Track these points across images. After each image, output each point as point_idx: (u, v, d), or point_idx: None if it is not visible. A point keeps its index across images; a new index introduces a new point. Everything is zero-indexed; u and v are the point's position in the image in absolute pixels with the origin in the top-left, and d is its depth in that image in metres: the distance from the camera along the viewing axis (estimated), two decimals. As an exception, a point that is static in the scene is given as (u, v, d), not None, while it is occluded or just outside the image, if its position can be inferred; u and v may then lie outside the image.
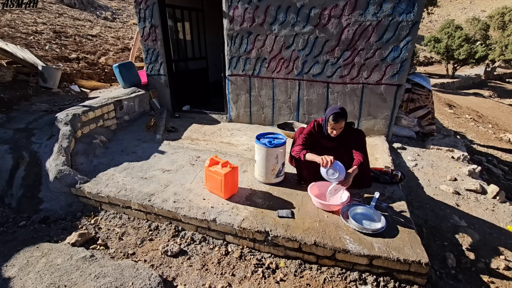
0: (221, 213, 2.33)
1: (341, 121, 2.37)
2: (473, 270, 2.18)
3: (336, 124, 2.37)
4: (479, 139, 7.87)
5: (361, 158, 2.44)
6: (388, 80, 3.76)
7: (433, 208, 2.79)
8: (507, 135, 8.83)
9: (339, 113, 2.36)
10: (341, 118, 2.36)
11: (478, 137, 8.13)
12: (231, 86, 4.61)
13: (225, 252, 2.21)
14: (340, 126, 2.40)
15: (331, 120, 2.37)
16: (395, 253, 1.94)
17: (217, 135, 4.25)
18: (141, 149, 3.53)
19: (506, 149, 7.32)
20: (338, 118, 2.35)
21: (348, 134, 2.53)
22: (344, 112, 2.39)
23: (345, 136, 2.52)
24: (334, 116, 2.36)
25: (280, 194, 2.61)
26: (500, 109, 13.53)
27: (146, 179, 2.84)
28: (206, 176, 2.60)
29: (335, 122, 2.36)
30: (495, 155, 6.65)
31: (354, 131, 2.55)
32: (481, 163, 5.45)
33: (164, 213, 2.42)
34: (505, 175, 5.55)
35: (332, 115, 2.36)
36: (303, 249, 2.10)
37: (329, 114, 2.40)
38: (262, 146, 2.61)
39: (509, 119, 11.86)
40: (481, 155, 6.12)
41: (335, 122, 2.37)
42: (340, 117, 2.36)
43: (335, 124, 2.37)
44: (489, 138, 8.27)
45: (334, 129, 2.41)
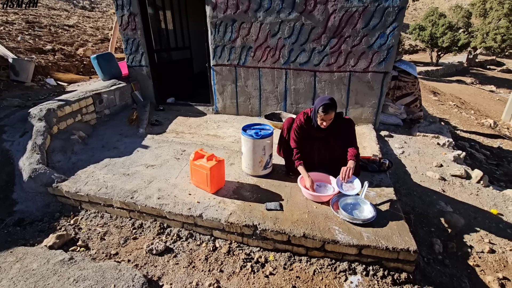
0: (207, 208, 2.26)
1: (331, 112, 2.31)
2: (459, 254, 2.21)
3: (326, 116, 2.31)
4: (462, 125, 8.05)
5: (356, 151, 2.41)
6: (375, 68, 3.72)
7: (420, 194, 2.81)
8: (488, 120, 9.08)
9: (328, 104, 2.29)
10: (331, 109, 2.30)
11: (461, 123, 8.33)
12: (216, 76, 4.47)
13: (212, 248, 2.15)
14: (330, 117, 2.34)
15: (321, 112, 2.30)
16: (384, 242, 1.93)
17: (203, 128, 4.13)
18: (123, 144, 3.38)
19: (487, 134, 7.53)
20: (328, 109, 2.29)
21: (338, 124, 2.48)
22: (334, 102, 2.33)
23: (335, 126, 2.47)
24: (324, 107, 2.29)
25: (268, 186, 2.55)
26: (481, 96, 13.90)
27: (129, 176, 2.71)
28: (191, 170, 2.50)
29: (325, 113, 2.30)
30: (477, 140, 6.83)
31: (344, 121, 2.50)
32: (464, 148, 5.58)
33: (148, 210, 2.32)
34: (487, 159, 5.71)
35: (322, 106, 2.30)
36: (292, 242, 2.06)
37: (318, 106, 2.33)
38: (249, 137, 2.53)
39: (490, 105, 12.21)
40: (464, 141, 6.27)
41: (325, 114, 2.30)
42: (330, 108, 2.29)
43: (325, 115, 2.31)
44: (471, 124, 8.48)
45: (324, 120, 2.35)
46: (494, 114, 10.82)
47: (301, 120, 2.51)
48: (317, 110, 2.34)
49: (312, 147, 2.60)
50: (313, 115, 2.45)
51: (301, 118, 2.52)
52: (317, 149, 2.62)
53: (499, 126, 8.91)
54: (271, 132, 2.59)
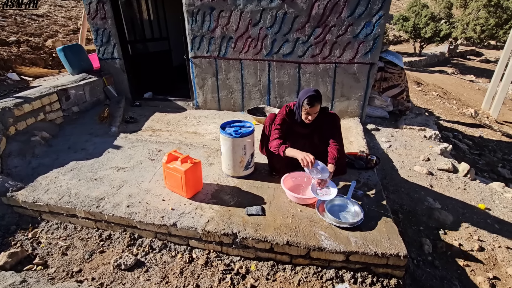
0: (182, 215, 2.06)
1: (317, 104, 2.13)
2: (448, 254, 2.13)
3: (311, 108, 2.13)
4: (445, 115, 8.14)
5: (336, 152, 2.22)
6: (361, 59, 3.57)
7: (408, 191, 2.71)
8: (470, 110, 9.24)
9: (314, 96, 2.11)
10: (316, 101, 2.12)
11: (444, 113, 8.42)
12: (195, 69, 4.20)
13: (189, 259, 1.96)
14: (316, 110, 2.16)
15: (306, 104, 2.12)
16: (373, 247, 1.80)
17: (183, 124, 3.88)
18: (93, 145, 3.10)
19: (469, 123, 7.63)
20: (313, 101, 2.11)
21: (323, 119, 2.31)
22: (319, 94, 2.15)
23: (319, 122, 2.31)
24: (309, 99, 2.11)
25: (250, 188, 2.37)
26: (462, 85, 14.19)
27: (96, 181, 2.46)
28: (164, 174, 2.28)
29: (311, 106, 2.12)
30: (460, 130, 6.90)
31: (328, 116, 2.33)
32: (448, 139, 5.60)
33: (116, 220, 2.09)
34: (469, 149, 5.76)
35: (307, 98, 2.11)
36: (275, 250, 1.90)
37: (303, 98, 2.15)
38: (227, 136, 2.33)
39: (470, 95, 12.47)
40: (448, 131, 6.31)
41: (310, 106, 2.12)
42: (316, 100, 2.11)
43: (311, 108, 2.12)
44: (454, 114, 8.59)
45: (309, 114, 2.17)
46: (475, 103, 11.05)
47: (283, 113, 2.32)
48: (301, 103, 2.16)
49: (296, 145, 2.42)
50: (297, 109, 2.27)
51: (283, 111, 2.34)
52: (301, 147, 2.43)
53: (480, 115, 9.09)
54: (252, 130, 2.40)
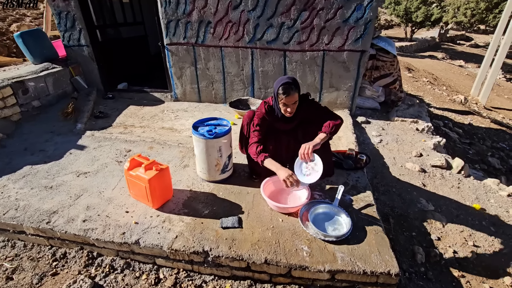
0: (147, 230, 1.80)
1: (293, 93, 1.87)
2: (442, 263, 1.96)
3: (287, 98, 1.87)
4: (435, 102, 8.01)
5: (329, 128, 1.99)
6: (351, 46, 3.29)
7: (399, 191, 2.52)
8: (459, 96, 9.15)
9: (288, 83, 1.86)
10: (292, 89, 1.86)
11: (435, 100, 8.29)
12: (172, 57, 3.83)
13: (155, 281, 1.72)
14: (293, 100, 1.90)
15: (281, 94, 1.87)
16: (361, 264, 1.59)
17: (158, 119, 3.56)
18: (53, 145, 2.77)
19: (459, 110, 7.54)
20: (288, 90, 1.85)
21: (306, 110, 2.05)
22: (295, 81, 1.89)
23: (303, 113, 2.05)
24: (283, 88, 1.85)
25: (227, 195, 2.13)
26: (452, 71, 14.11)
27: (52, 189, 2.16)
28: (127, 182, 2.00)
29: (286, 95, 1.86)
30: (450, 117, 6.79)
31: (311, 105, 2.08)
32: (439, 128, 5.46)
33: (70, 238, 1.82)
34: (460, 138, 5.65)
35: (281, 87, 1.86)
36: (252, 268, 1.68)
37: (277, 88, 1.90)
38: (200, 137, 2.05)
39: (460, 80, 12.41)
40: (438, 119, 6.17)
41: (286, 95, 1.86)
42: (290, 88, 1.85)
43: (287, 97, 1.87)
44: (444, 101, 8.48)
45: (287, 105, 1.91)
46: (464, 89, 10.98)
47: (262, 111, 2.05)
48: (277, 94, 1.90)
49: (279, 142, 2.17)
50: (275, 103, 2.00)
51: (262, 109, 2.07)
52: (286, 144, 2.19)
53: (469, 102, 9.02)
54: (228, 129, 2.12)
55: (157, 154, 2.66)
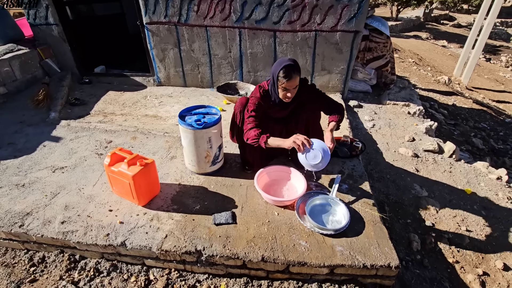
0: (134, 230, 1.67)
1: (295, 76, 1.71)
2: (437, 250, 1.96)
3: (289, 82, 1.71)
4: (421, 83, 8.07)
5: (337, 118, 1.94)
6: (344, 26, 3.12)
7: (393, 178, 2.49)
8: (443, 77, 9.26)
9: (291, 65, 1.69)
10: (294, 72, 1.70)
11: (420, 80, 8.34)
12: (153, 38, 3.54)
13: (145, 283, 1.62)
14: (295, 84, 1.75)
15: (282, 78, 1.70)
16: (361, 258, 1.55)
17: (141, 106, 3.33)
18: (24, 137, 2.52)
19: (443, 91, 7.63)
20: (291, 72, 1.69)
21: (305, 95, 1.92)
22: (296, 64, 1.74)
23: (300, 98, 1.91)
24: (285, 70, 1.69)
25: (219, 188, 2.01)
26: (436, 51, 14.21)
27: (24, 187, 1.97)
28: (109, 178, 1.84)
29: (288, 79, 1.70)
30: (435, 98, 6.86)
31: (311, 89, 1.95)
32: (426, 109, 5.50)
33: (48, 241, 1.67)
34: (445, 119, 5.74)
35: (283, 69, 1.69)
36: (248, 266, 1.61)
37: (277, 70, 1.72)
38: (188, 127, 1.89)
39: (443, 60, 12.55)
40: (424, 100, 6.22)
41: (288, 79, 1.70)
42: (293, 70, 1.70)
43: (289, 81, 1.71)
44: (429, 81, 8.56)
45: (288, 89, 1.75)
46: (447, 69, 11.12)
47: (257, 96, 1.90)
48: (277, 78, 1.73)
49: (272, 133, 2.04)
50: (272, 87, 1.85)
51: (257, 94, 1.91)
52: (278, 135, 2.05)
53: (452, 82, 9.16)
54: (218, 118, 1.97)
55: (141, 145, 2.48)
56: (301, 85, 1.88)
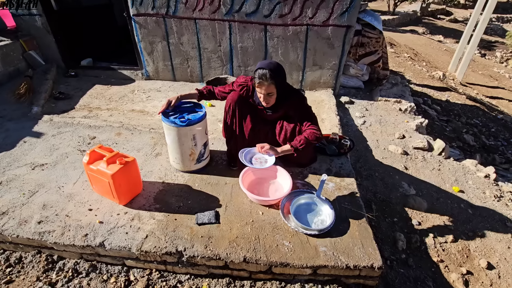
0: (113, 231, 1.63)
1: (267, 84, 1.66)
2: (422, 249, 1.96)
3: (261, 85, 1.68)
4: (415, 78, 8.06)
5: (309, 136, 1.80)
6: (336, 20, 3.06)
7: (382, 176, 2.48)
8: (438, 72, 9.26)
9: (263, 70, 1.64)
10: (265, 79, 1.65)
11: (415, 76, 8.34)
12: (140, 30, 3.44)
13: (125, 284, 1.59)
14: (269, 91, 1.70)
15: (256, 78, 1.69)
16: (344, 259, 1.53)
17: (128, 100, 3.25)
18: (4, 133, 2.44)
19: (437, 87, 7.64)
20: (262, 78, 1.65)
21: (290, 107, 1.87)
22: (274, 71, 1.65)
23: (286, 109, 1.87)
24: (258, 73, 1.66)
25: (203, 186, 1.97)
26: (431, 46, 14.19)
27: (1, 185, 1.91)
28: (89, 177, 1.78)
29: (259, 82, 1.67)
30: (429, 94, 6.86)
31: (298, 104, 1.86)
32: (419, 105, 5.49)
33: (24, 242, 1.62)
34: (438, 115, 5.75)
35: (257, 70, 1.68)
36: (230, 267, 1.58)
37: (255, 70, 1.70)
38: (171, 125, 1.83)
39: (438, 56, 12.54)
40: (418, 96, 6.21)
41: (259, 82, 1.68)
42: (265, 77, 1.64)
43: (260, 84, 1.68)
44: (423, 77, 8.55)
45: (262, 93, 1.73)
46: (442, 65, 11.13)
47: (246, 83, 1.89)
48: (254, 77, 1.71)
49: (258, 132, 1.99)
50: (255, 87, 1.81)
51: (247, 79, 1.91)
52: (264, 136, 2.00)
53: (447, 78, 9.18)
54: (202, 115, 1.91)
55: (125, 141, 2.42)
56: (290, 96, 1.83)
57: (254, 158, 1.86)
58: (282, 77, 1.72)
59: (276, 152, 1.82)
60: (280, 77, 1.70)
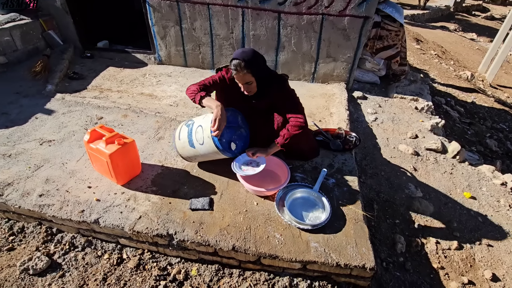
0: (109, 209, 1.66)
1: (243, 73, 1.60)
2: (423, 254, 1.88)
3: (237, 74, 1.62)
4: (440, 77, 7.66)
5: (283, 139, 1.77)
6: (354, 11, 2.91)
7: (388, 175, 2.38)
8: (466, 72, 8.74)
9: (237, 60, 1.58)
10: (239, 69, 1.58)
11: (440, 75, 7.92)
12: (154, 14, 3.44)
13: (117, 261, 1.63)
14: (246, 80, 1.64)
15: (232, 69, 1.61)
16: (335, 256, 1.49)
17: (139, 83, 3.29)
18: (18, 108, 2.54)
19: (463, 87, 7.23)
20: (237, 67, 1.58)
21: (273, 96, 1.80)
22: (249, 60, 1.58)
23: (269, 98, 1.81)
24: (233, 63, 1.60)
25: (201, 173, 1.97)
26: (462, 44, 13.38)
27: (10, 158, 1.99)
28: (89, 155, 1.82)
29: (235, 72, 1.61)
30: (453, 94, 6.50)
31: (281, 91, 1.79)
32: (440, 105, 5.22)
33: (25, 212, 1.69)
34: (460, 117, 5.44)
35: (232, 61, 1.61)
36: (219, 254, 1.58)
37: (230, 60, 1.64)
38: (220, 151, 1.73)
39: (469, 55, 11.81)
40: (441, 96, 5.91)
41: (235, 73, 1.61)
42: (239, 66, 1.57)
43: (236, 75, 1.62)
44: (449, 76, 8.11)
45: (240, 82, 1.68)
46: (472, 64, 10.49)
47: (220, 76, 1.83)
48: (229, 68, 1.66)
49: (254, 124, 1.95)
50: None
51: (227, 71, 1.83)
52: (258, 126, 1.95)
53: (475, 79, 8.65)
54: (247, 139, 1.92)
55: (131, 123, 2.45)
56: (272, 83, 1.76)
57: (246, 163, 1.85)
58: (258, 64, 1.65)
59: (265, 152, 1.81)
60: (256, 64, 1.63)
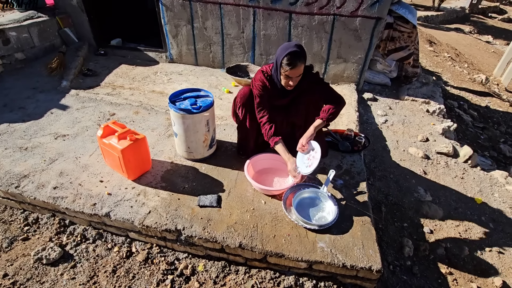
0: (120, 203, 1.70)
1: (300, 64, 1.59)
2: (431, 258, 1.86)
3: (293, 70, 1.60)
4: (453, 80, 7.51)
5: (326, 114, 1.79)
6: (366, 11, 2.89)
7: (397, 178, 2.35)
8: (480, 75, 8.54)
9: (296, 52, 1.57)
10: (299, 59, 1.58)
11: (453, 77, 7.76)
12: (166, 13, 3.49)
13: (126, 254, 1.67)
14: (299, 72, 1.63)
15: (286, 65, 1.59)
16: (341, 257, 1.49)
17: (150, 81, 3.34)
18: (34, 103, 2.62)
19: (477, 91, 7.07)
20: (296, 60, 1.57)
21: (307, 84, 1.79)
22: (302, 50, 1.61)
23: (302, 87, 1.80)
24: (289, 58, 1.57)
25: (210, 170, 1.99)
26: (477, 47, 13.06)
27: (26, 151, 2.06)
28: (102, 150, 1.87)
29: (292, 66, 1.58)
30: (466, 98, 6.37)
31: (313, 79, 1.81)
32: (452, 109, 5.12)
33: (40, 204, 1.75)
34: (473, 122, 5.32)
35: (287, 56, 1.57)
36: (226, 251, 1.60)
37: (281, 56, 1.60)
38: (184, 113, 1.82)
39: (484, 58, 11.53)
40: (453, 99, 5.79)
41: (291, 68, 1.59)
42: (298, 58, 1.57)
43: (292, 70, 1.59)
44: (463, 79, 7.94)
45: (291, 77, 1.65)
46: (487, 67, 10.23)
47: (260, 84, 1.81)
48: (280, 64, 1.62)
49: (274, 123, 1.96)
50: (275, 73, 1.74)
51: (261, 77, 1.82)
52: (280, 123, 1.97)
53: (490, 82, 8.44)
54: (212, 101, 1.91)
55: (142, 120, 2.50)
56: (305, 72, 1.76)
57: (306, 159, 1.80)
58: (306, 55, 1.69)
59: (312, 133, 1.79)
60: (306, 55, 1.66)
